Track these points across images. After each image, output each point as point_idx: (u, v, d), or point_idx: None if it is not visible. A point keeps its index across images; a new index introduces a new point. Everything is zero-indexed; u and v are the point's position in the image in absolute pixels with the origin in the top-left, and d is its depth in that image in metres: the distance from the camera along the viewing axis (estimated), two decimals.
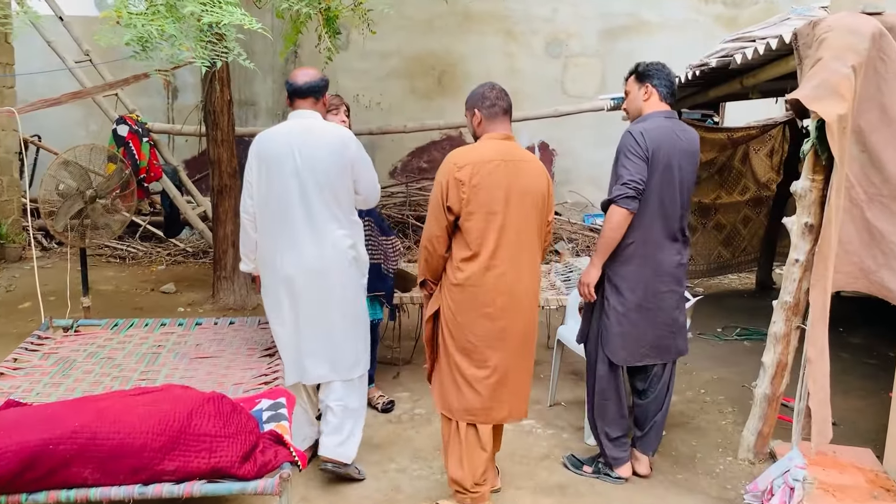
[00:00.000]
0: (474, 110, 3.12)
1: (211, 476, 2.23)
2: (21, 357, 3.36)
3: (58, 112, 9.81)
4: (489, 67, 9.75)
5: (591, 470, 3.53)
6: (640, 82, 3.34)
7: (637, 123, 3.27)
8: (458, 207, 2.91)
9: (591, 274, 3.29)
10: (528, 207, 2.98)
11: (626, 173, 3.12)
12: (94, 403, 2.29)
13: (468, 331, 2.99)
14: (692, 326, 5.86)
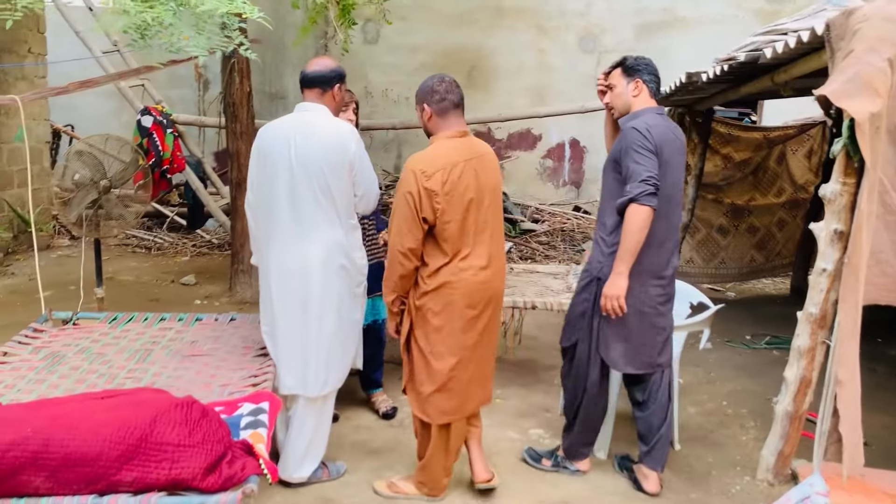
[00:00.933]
0: (423, 105, 3.00)
1: (172, 488, 2.11)
2: (12, 350, 3.30)
3: (91, 103, 9.92)
4: (520, 62, 9.57)
5: (549, 463, 3.51)
6: (629, 77, 3.23)
7: (636, 119, 3.13)
8: (432, 217, 2.84)
9: (618, 285, 3.04)
10: (494, 203, 3.02)
11: (643, 169, 2.98)
12: (52, 408, 2.19)
13: (447, 334, 2.96)
14: (718, 333, 5.63)
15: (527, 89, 9.57)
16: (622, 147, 3.09)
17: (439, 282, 2.90)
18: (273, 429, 2.60)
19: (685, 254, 6.63)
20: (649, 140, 3.02)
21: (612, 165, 3.20)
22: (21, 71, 7.77)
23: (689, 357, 4.95)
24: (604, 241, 3.20)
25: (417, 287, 2.98)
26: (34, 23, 7.98)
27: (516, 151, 9.84)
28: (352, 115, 3.86)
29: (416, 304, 2.98)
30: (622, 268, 3.03)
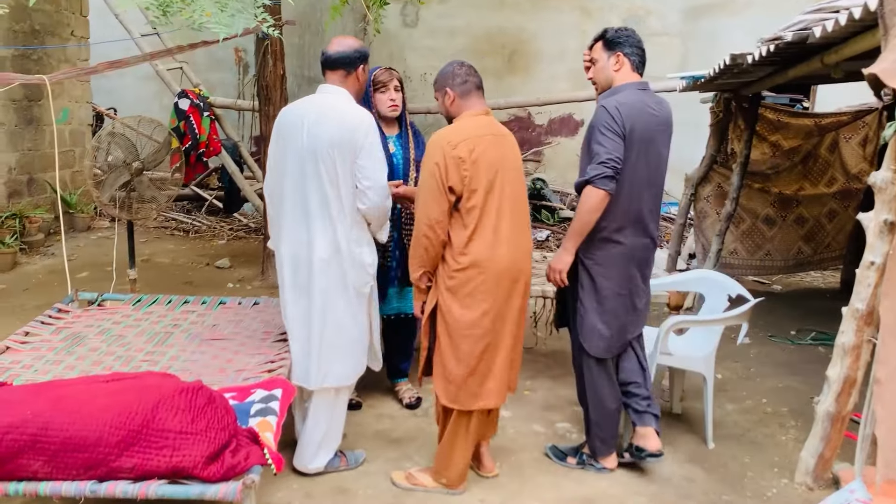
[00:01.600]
0: (445, 90, 2.97)
1: (172, 476, 2.05)
2: (34, 330, 3.30)
3: (133, 86, 10.03)
4: (562, 46, 9.35)
5: (574, 461, 3.36)
6: (609, 50, 3.10)
7: (610, 96, 3.03)
8: (460, 187, 2.79)
9: (563, 259, 3.10)
10: (517, 182, 2.95)
11: (602, 151, 2.91)
12: (55, 390, 2.15)
13: (477, 315, 2.87)
14: (761, 327, 5.41)
15: (569, 73, 9.34)
16: (591, 125, 3.03)
17: (469, 260, 2.83)
18: (284, 416, 2.54)
19: (728, 244, 6.39)
20: (616, 120, 2.92)
21: (585, 144, 3.10)
22: (64, 53, 7.87)
23: (728, 352, 4.76)
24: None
25: (447, 265, 2.89)
26: (77, 6, 8.08)
27: (557, 137, 9.64)
28: (393, 93, 3.66)
29: (446, 283, 2.89)
30: (569, 244, 3.06)
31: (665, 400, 4.10)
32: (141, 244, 7.72)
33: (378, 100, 3.63)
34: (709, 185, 6.46)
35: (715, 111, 6.23)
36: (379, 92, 3.64)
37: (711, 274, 4.03)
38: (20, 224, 6.80)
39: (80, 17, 8.16)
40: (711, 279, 3.95)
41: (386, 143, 3.63)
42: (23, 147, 7.30)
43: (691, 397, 4.09)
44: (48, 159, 7.84)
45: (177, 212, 9.08)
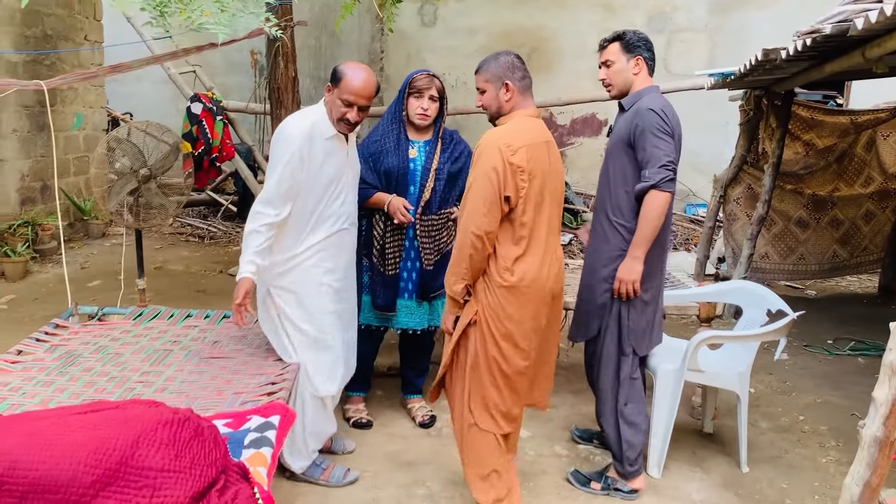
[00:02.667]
0: (506, 83, 2.69)
1: None
2: (27, 349, 3.14)
3: (149, 91, 9.94)
4: (584, 43, 9.09)
5: (599, 486, 3.17)
6: (629, 53, 3.08)
7: (646, 100, 3.00)
8: (515, 198, 2.58)
9: (635, 269, 2.97)
10: (559, 193, 2.79)
11: (662, 154, 2.89)
12: (30, 423, 1.97)
13: (519, 334, 2.68)
14: (795, 336, 5.14)
15: (591, 71, 9.00)
16: (636, 128, 2.94)
17: (518, 277, 2.63)
18: (281, 447, 2.34)
19: (760, 248, 6.11)
20: (667, 122, 2.92)
21: (623, 147, 3.02)
22: (77, 58, 7.78)
23: (761, 363, 4.50)
24: (624, 227, 3.03)
25: (490, 280, 2.66)
26: (90, 10, 7.98)
27: (579, 138, 9.39)
28: (427, 102, 3.45)
29: (488, 299, 2.66)
30: (639, 252, 2.95)
31: (696, 418, 3.86)
32: (155, 251, 7.61)
33: (410, 104, 3.48)
34: (739, 186, 6.19)
35: (745, 109, 5.96)
36: (413, 97, 3.47)
37: (750, 285, 3.77)
38: (33, 232, 6.70)
39: (93, 21, 8.06)
40: (750, 291, 3.70)
41: (406, 147, 3.50)
42: (35, 154, 7.21)
43: (724, 415, 3.85)
44: (62, 165, 7.74)
45: (193, 217, 8.97)
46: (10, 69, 6.82)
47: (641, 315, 3.08)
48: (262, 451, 2.19)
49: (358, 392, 3.74)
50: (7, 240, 6.52)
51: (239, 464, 2.09)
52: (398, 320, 3.57)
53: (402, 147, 3.49)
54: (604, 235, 3.11)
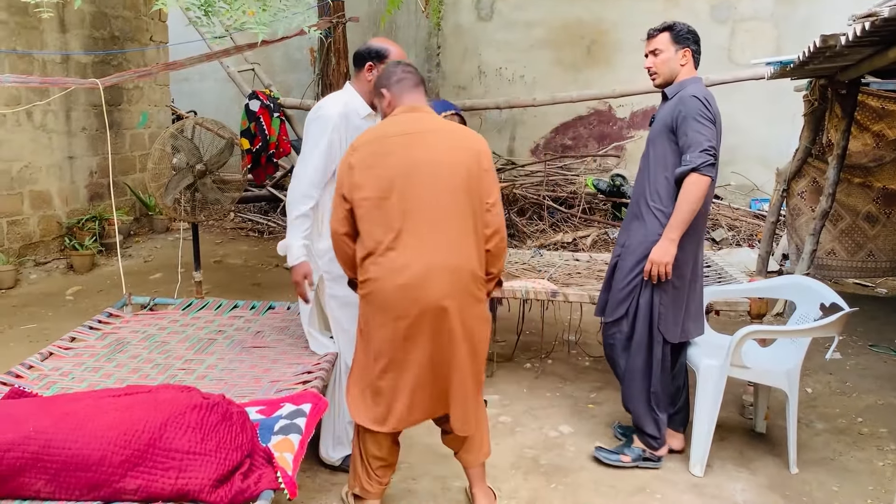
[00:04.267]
0: (382, 92, 2.67)
1: (178, 499, 1.91)
2: (80, 336, 3.27)
3: (213, 89, 10.22)
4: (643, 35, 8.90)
5: (630, 458, 3.25)
6: (678, 44, 3.14)
7: (690, 88, 3.05)
8: (350, 195, 2.50)
9: (669, 251, 3.00)
10: (442, 187, 2.47)
11: (704, 139, 2.93)
12: (64, 405, 2.05)
13: (374, 340, 2.55)
14: (860, 336, 4.92)
15: None
16: (679, 114, 3.00)
17: (363, 277, 2.53)
18: (311, 433, 2.37)
19: (825, 244, 5.88)
20: (710, 109, 2.98)
21: (665, 133, 3.08)
22: (143, 58, 8.05)
23: (821, 363, 4.35)
24: (661, 212, 3.07)
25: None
26: (156, 12, 8.24)
27: (639, 131, 9.20)
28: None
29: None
30: (675, 235, 2.98)
31: (747, 417, 3.74)
32: (216, 245, 7.82)
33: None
34: (803, 179, 5.96)
35: (809, 99, 5.73)
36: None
37: (803, 279, 3.63)
38: (100, 226, 6.97)
39: (158, 22, 8.33)
40: (803, 285, 3.55)
41: None
42: (104, 151, 7.48)
43: (777, 414, 3.71)
44: (128, 162, 8.03)
45: (253, 213, 9.17)
46: (80, 69, 7.11)
47: (672, 301, 3.10)
48: (290, 437, 2.23)
49: None
50: (76, 234, 6.81)
51: (265, 449, 2.12)
52: None
53: None
54: (640, 218, 3.15)
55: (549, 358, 4.54)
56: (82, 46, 7.09)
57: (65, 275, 6.48)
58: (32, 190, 6.68)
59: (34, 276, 6.39)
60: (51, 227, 6.87)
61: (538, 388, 4.11)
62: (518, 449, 3.41)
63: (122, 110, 7.85)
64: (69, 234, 6.85)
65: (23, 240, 6.57)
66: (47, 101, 6.40)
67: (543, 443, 3.48)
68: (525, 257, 4.85)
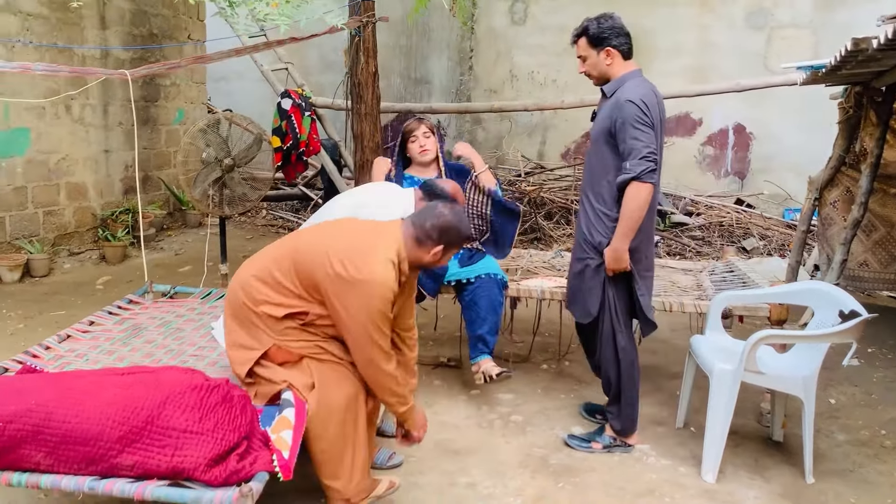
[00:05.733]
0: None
1: (173, 477, 1.94)
2: (98, 319, 3.34)
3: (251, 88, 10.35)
4: (678, 41, 8.85)
5: (601, 445, 3.35)
6: (597, 46, 3.10)
7: (625, 89, 3.01)
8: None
9: (623, 259, 3.06)
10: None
11: (642, 146, 2.92)
12: (66, 381, 2.09)
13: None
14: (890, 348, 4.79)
15: (684, 70, 8.80)
16: (616, 121, 2.98)
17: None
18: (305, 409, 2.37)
19: (858, 255, 5.74)
20: (647, 114, 2.93)
21: (604, 137, 3.06)
22: (180, 54, 8.18)
23: (846, 373, 4.26)
24: (606, 215, 3.10)
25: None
26: (194, 11, 8.39)
27: (672, 137, 9.10)
28: (422, 140, 3.93)
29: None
30: (622, 244, 3.01)
31: (764, 424, 3.67)
32: (246, 241, 7.92)
33: (410, 149, 3.96)
34: (836, 188, 5.82)
35: (844, 107, 5.61)
36: (409, 142, 3.95)
37: (821, 285, 3.55)
38: (132, 219, 7.11)
39: (196, 21, 8.48)
40: (822, 291, 3.48)
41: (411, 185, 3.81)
42: (139, 146, 7.64)
43: (796, 423, 3.62)
44: (163, 158, 8.18)
45: (285, 210, 9.28)
46: (118, 66, 7.26)
47: (646, 290, 3.24)
48: (284, 415, 2.23)
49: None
50: (109, 225, 6.96)
51: (263, 432, 2.14)
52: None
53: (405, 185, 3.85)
54: (588, 221, 3.19)
55: (566, 359, 4.50)
56: (121, 43, 7.25)
57: (97, 265, 6.62)
58: (69, 182, 6.84)
59: (67, 266, 6.54)
60: (85, 219, 7.03)
61: (553, 389, 4.08)
62: (527, 448, 3.39)
63: (158, 106, 8.01)
64: (103, 226, 7.00)
65: (58, 230, 6.73)
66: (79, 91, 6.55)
67: (553, 443, 3.45)
68: (546, 257, 4.82)
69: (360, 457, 2.53)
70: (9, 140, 6.16)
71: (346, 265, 2.37)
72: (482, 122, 9.51)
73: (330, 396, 2.44)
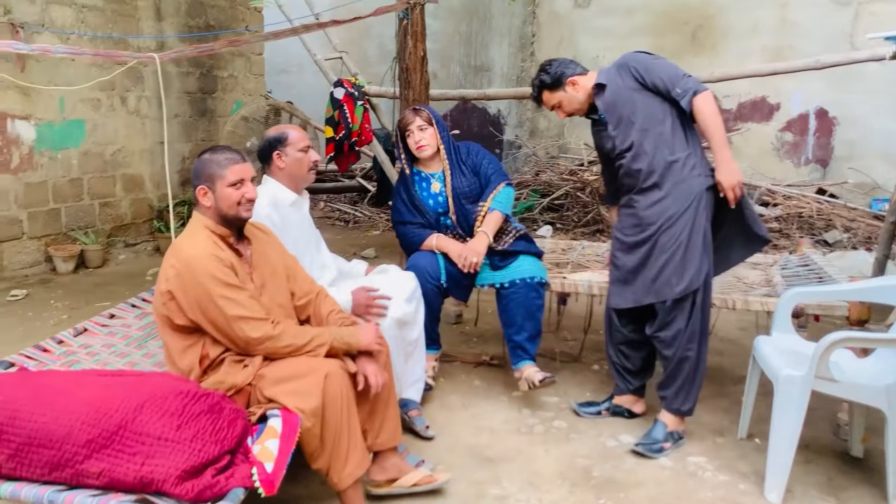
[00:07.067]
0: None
1: (141, 489, 1.74)
2: (120, 312, 3.20)
3: (311, 80, 10.24)
4: (755, 20, 8.29)
5: (670, 445, 3.16)
6: (559, 89, 3.17)
7: (611, 66, 3.10)
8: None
9: (735, 169, 2.96)
10: None
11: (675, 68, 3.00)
12: (44, 379, 1.93)
13: None
14: None
15: (762, 50, 8.24)
16: (636, 70, 2.99)
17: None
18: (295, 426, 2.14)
19: None
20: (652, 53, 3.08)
21: (636, 94, 3.01)
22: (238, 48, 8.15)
23: None
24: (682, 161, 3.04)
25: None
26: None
27: (747, 123, 8.56)
28: (417, 134, 3.60)
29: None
30: (728, 153, 2.96)
31: (842, 438, 3.26)
32: None
33: (409, 144, 3.64)
34: None
35: None
36: (406, 136, 3.64)
37: None
38: (188, 210, 7.09)
39: (255, 12, 8.41)
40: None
41: (428, 183, 3.66)
42: (196, 137, 7.63)
43: (879, 437, 3.20)
44: None
45: (343, 202, 9.17)
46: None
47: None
48: (271, 422, 2.02)
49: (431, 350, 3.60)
50: (164, 217, 6.96)
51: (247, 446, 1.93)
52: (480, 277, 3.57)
53: (424, 184, 3.66)
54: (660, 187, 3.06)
55: None
56: (177, 34, 7.23)
57: (151, 256, 6.63)
58: (125, 173, 6.87)
59: (122, 257, 6.57)
60: (141, 210, 7.05)
61: (604, 392, 3.75)
62: (569, 458, 3.09)
63: (216, 98, 7.98)
64: (158, 217, 7.01)
65: (114, 221, 6.76)
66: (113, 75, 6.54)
67: (599, 453, 3.14)
68: (601, 249, 4.49)
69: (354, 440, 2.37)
70: (64, 132, 6.21)
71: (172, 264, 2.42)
72: (543, 110, 9.13)
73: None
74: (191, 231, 2.53)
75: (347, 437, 2.28)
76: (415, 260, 3.56)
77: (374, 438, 2.65)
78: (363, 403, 2.59)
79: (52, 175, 6.13)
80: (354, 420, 2.34)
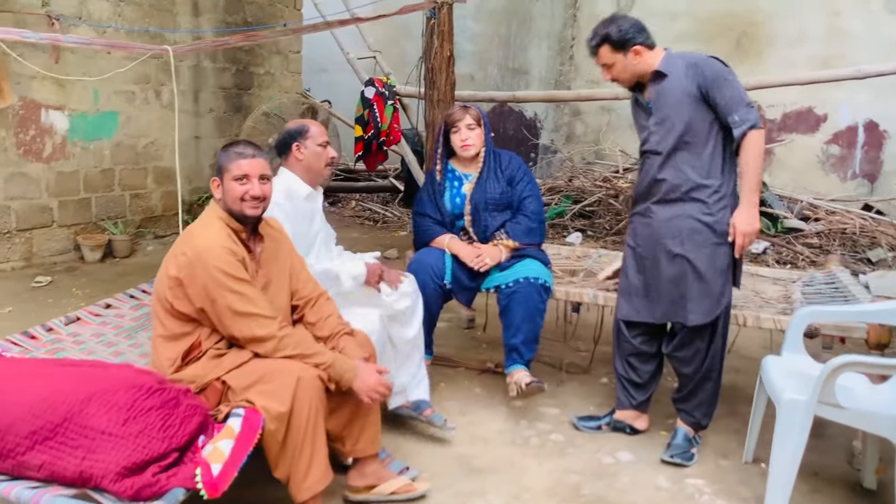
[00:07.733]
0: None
1: (81, 484, 1.70)
2: (115, 303, 3.20)
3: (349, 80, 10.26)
4: (803, 28, 8.01)
5: (696, 450, 3.14)
6: (622, 50, 2.95)
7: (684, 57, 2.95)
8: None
9: (755, 216, 2.87)
10: None
11: (743, 94, 2.83)
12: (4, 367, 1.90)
13: None
14: None
15: (809, 59, 7.94)
16: (704, 79, 2.84)
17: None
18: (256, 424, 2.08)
19: None
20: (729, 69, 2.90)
21: (692, 103, 2.86)
22: (276, 45, 8.20)
23: None
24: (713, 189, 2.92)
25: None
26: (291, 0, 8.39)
27: (791, 134, 8.28)
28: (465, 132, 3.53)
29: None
30: (756, 198, 2.86)
31: (855, 468, 3.08)
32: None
33: (452, 140, 3.57)
34: None
35: None
36: (452, 132, 3.56)
37: None
38: None
39: (293, 10, 8.46)
40: None
41: (460, 182, 3.61)
42: (230, 133, 7.70)
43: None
44: None
45: (374, 202, 9.15)
46: (210, 53, 7.33)
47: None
48: (230, 422, 1.97)
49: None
50: (193, 210, 7.03)
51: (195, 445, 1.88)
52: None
53: (455, 183, 3.62)
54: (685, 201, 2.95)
55: None
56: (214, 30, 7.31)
57: None
58: (157, 166, 6.96)
59: (150, 248, 6.65)
60: (172, 203, 7.13)
61: (609, 406, 3.61)
62: (560, 472, 2.97)
63: (251, 95, 8.05)
64: (187, 211, 7.08)
65: (144, 213, 6.86)
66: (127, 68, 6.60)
67: (593, 469, 3.02)
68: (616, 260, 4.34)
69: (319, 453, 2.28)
70: (97, 123, 6.31)
71: (183, 251, 2.38)
72: (581, 115, 9.00)
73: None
74: (205, 221, 2.52)
75: (311, 449, 2.21)
76: (421, 256, 3.51)
77: (354, 445, 2.60)
78: (343, 408, 2.53)
79: (83, 165, 6.24)
80: (321, 432, 2.27)
